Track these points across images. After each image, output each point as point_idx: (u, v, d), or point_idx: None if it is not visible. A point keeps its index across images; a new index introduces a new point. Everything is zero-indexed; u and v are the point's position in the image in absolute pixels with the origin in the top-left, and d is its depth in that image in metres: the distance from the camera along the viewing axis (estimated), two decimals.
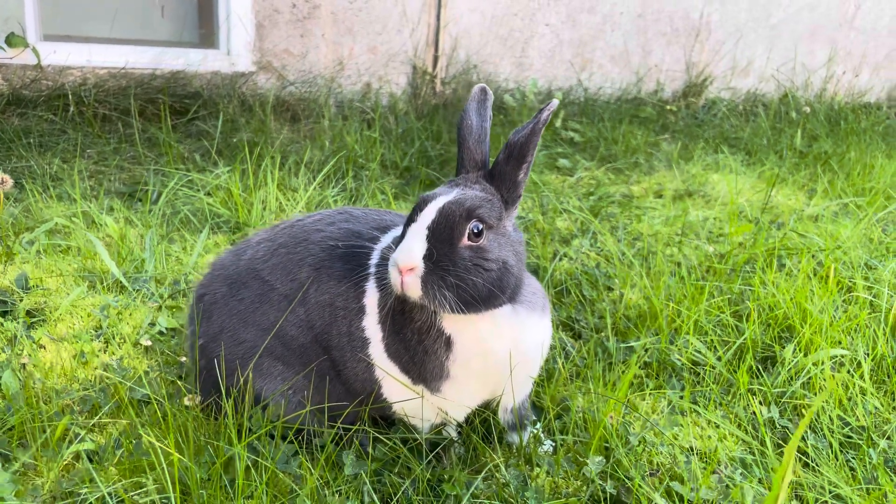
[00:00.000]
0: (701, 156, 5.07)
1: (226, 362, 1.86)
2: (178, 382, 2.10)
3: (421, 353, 1.73)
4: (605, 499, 1.75)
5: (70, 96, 4.62)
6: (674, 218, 3.75)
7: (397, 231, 1.89)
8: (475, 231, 1.60)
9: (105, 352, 2.33)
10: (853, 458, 1.94)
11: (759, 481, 1.82)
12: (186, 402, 1.98)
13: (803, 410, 2.10)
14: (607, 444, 1.91)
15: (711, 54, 6.84)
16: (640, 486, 1.72)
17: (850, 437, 2.04)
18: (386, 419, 1.98)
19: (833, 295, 2.51)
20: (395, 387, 1.80)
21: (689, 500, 1.72)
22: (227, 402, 1.83)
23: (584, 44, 6.35)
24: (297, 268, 1.86)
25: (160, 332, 2.44)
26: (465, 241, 1.60)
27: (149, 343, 2.35)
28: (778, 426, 2.07)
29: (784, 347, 2.35)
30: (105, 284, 2.71)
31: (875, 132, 5.96)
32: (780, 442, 2.02)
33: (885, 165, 4.63)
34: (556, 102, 1.70)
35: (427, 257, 1.56)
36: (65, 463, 1.80)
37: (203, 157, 4.28)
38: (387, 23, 5.69)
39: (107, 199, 3.56)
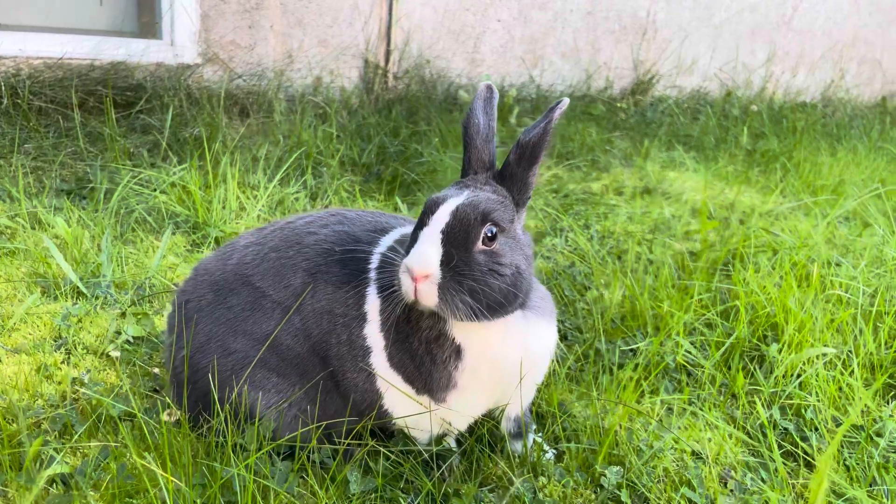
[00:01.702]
0: (657, 153, 5.11)
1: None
2: (166, 399, 1.96)
3: (428, 362, 1.65)
4: None
5: (3, 88, 4.33)
6: (640, 215, 3.76)
7: (394, 234, 1.80)
8: (489, 235, 1.53)
9: (68, 363, 2.16)
10: (849, 456, 1.96)
11: (767, 484, 1.81)
12: (166, 417, 1.85)
13: (801, 410, 2.11)
14: (612, 451, 1.87)
15: (658, 52, 6.93)
16: (656, 494, 1.68)
17: (843, 434, 2.05)
18: (384, 430, 1.89)
19: (811, 294, 2.54)
20: (398, 398, 1.72)
21: None
22: (219, 417, 1.71)
23: (535, 40, 6.34)
24: (291, 273, 1.75)
25: (127, 342, 2.28)
26: (480, 245, 1.52)
27: (117, 353, 2.19)
28: (779, 426, 2.06)
29: (770, 346, 2.36)
30: (61, 290, 2.52)
31: (815, 131, 6.14)
32: (781, 442, 2.01)
33: (832, 164, 4.76)
34: (566, 101, 1.64)
35: (443, 263, 1.48)
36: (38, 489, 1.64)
37: (151, 153, 4.08)
38: (338, 15, 5.54)
39: (51, 197, 3.34)
